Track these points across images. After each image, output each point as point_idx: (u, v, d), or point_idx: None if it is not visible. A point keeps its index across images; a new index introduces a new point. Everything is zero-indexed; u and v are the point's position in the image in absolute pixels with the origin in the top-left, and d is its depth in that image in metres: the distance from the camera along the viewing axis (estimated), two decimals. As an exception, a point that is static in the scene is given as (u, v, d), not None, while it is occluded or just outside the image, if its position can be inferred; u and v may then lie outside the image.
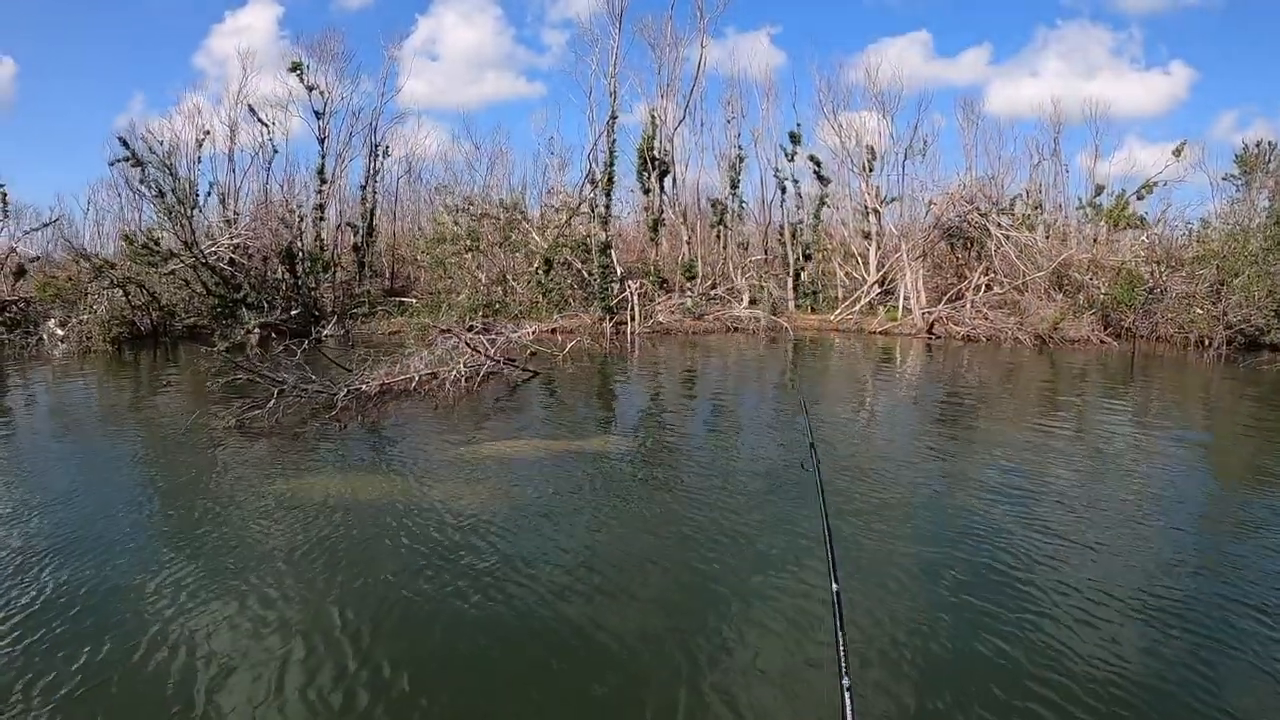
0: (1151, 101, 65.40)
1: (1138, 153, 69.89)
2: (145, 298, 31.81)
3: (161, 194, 32.21)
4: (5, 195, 35.73)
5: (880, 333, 25.21)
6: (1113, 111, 56.40)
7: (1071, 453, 10.38)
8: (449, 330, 20.82)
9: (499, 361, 19.14)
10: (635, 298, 29.31)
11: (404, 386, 16.77)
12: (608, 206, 31.97)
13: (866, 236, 30.54)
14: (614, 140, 32.13)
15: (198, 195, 35.78)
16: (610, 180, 31.84)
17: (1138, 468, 9.64)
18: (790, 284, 30.97)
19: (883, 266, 28.73)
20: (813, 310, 29.75)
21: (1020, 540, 6.87)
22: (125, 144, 32.07)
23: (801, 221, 32.84)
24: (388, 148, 39.21)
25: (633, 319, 29.05)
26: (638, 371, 21.21)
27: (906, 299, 25.86)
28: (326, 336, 30.38)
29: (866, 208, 31.15)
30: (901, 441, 11.45)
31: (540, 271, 32.77)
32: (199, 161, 37.37)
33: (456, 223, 35.94)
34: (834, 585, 2.85)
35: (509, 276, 33.75)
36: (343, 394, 15.39)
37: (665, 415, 14.41)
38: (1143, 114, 66.36)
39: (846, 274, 30.75)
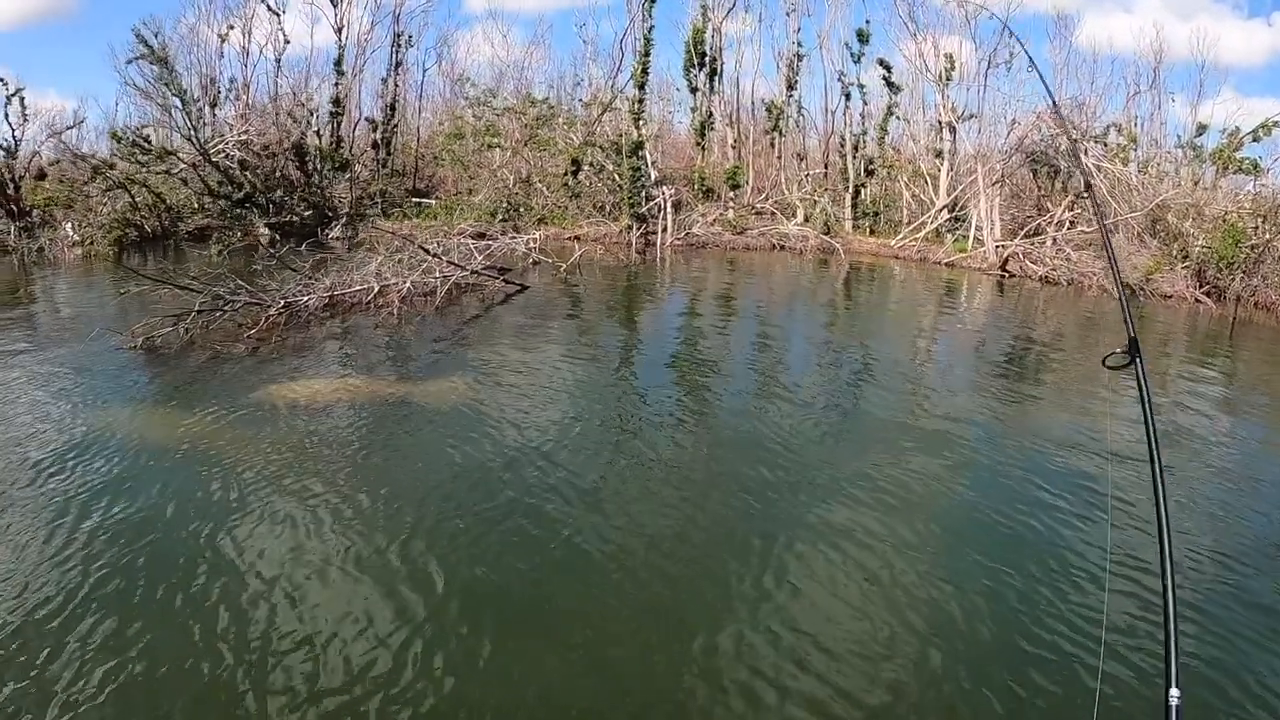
0: (1250, 52, 62.02)
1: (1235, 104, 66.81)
2: (150, 199, 32.08)
3: (170, 89, 31.88)
4: (24, 98, 36.40)
5: (946, 264, 24.07)
6: (1217, 51, 53.43)
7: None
8: (396, 234, 19.98)
9: (474, 273, 18.45)
10: (668, 205, 28.34)
11: (355, 300, 16.24)
12: (641, 101, 30.57)
13: (938, 155, 28.93)
14: (651, 25, 30.47)
15: (219, 92, 36.28)
16: (645, 71, 30.40)
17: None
18: (848, 202, 29.69)
19: (954, 190, 27.39)
20: (872, 233, 28.51)
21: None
22: (143, 40, 31.57)
23: (866, 133, 31.33)
24: (411, 36, 37.88)
25: (663, 229, 28.13)
26: (652, 291, 20.35)
27: (978, 229, 24.57)
28: (333, 239, 30.10)
29: (940, 123, 29.51)
30: (959, 395, 10.62)
31: (568, 173, 31.81)
32: (221, 57, 37.41)
33: (476, 117, 35.00)
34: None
35: (535, 178, 32.79)
36: (275, 309, 14.84)
37: (656, 368, 12.17)
38: (1239, 64, 63.23)
39: (913, 196, 29.41)
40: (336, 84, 36.42)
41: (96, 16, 72.08)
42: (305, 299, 15.39)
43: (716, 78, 33.41)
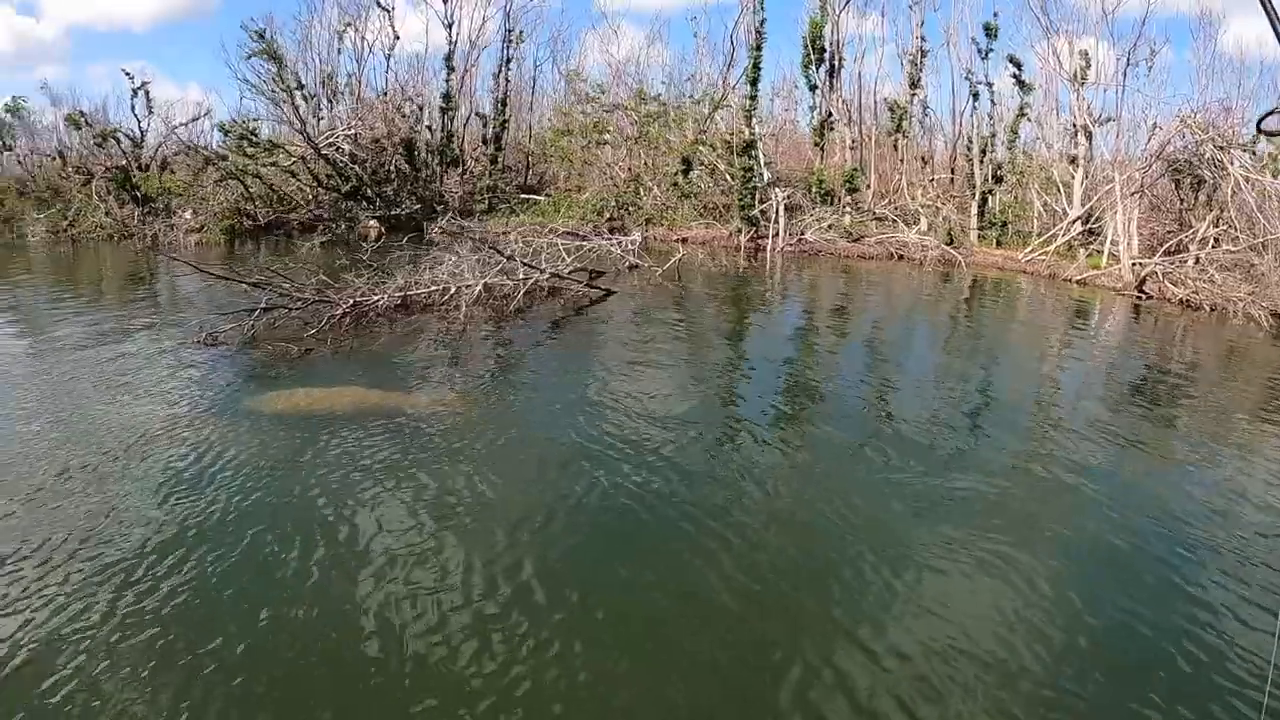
0: None
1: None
2: (262, 189, 34.00)
3: (279, 84, 33.56)
4: (149, 92, 40.28)
5: (1077, 281, 23.34)
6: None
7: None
8: (464, 233, 20.23)
9: (555, 276, 18.63)
10: (780, 208, 28.20)
11: (430, 300, 16.62)
12: (753, 98, 30.57)
13: (1072, 161, 28.00)
14: (763, 18, 30.33)
15: (335, 87, 38.09)
16: (757, 66, 30.31)
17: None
18: (974, 210, 29.04)
19: (1088, 200, 26.54)
20: (998, 244, 27.81)
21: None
22: (261, 37, 33.38)
23: (994, 136, 30.59)
24: (522, 32, 38.63)
25: (775, 234, 28.02)
26: (756, 301, 20.32)
27: (1114, 243, 23.75)
28: (438, 233, 30.93)
29: (1075, 126, 28.60)
30: (1080, 428, 10.36)
31: (678, 172, 31.94)
32: (339, 54, 39.25)
33: (584, 113, 35.41)
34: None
35: (645, 176, 33.03)
36: (343, 308, 15.27)
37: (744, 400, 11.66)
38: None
39: (1044, 205, 28.60)
40: (447, 80, 37.39)
41: (233, 14, 76.62)
42: (375, 299, 15.84)
43: (836, 75, 33.02)
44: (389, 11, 38.46)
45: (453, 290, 16.72)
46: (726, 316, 18.19)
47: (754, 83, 30.47)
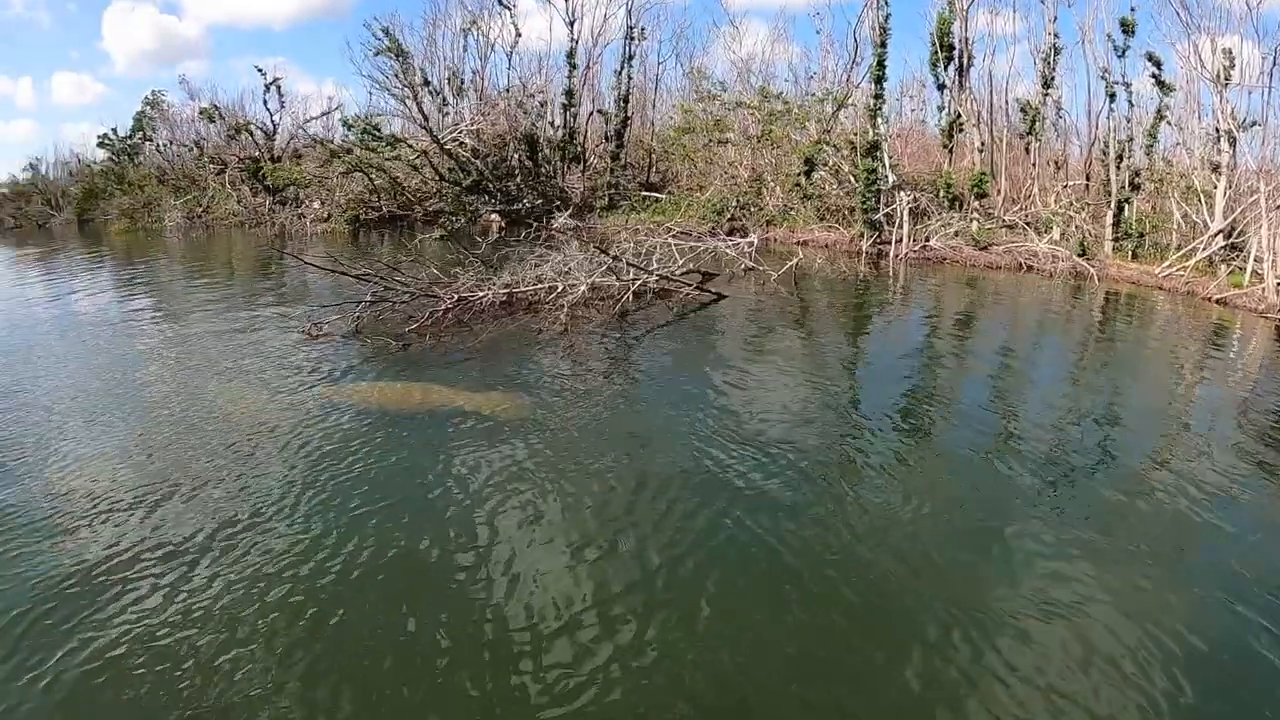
0: None
1: None
2: (385, 182, 35.56)
3: (401, 81, 34.96)
4: (280, 87, 45.04)
5: (1216, 300, 22.67)
6: None
7: None
8: (575, 231, 20.73)
9: (663, 278, 18.93)
10: (904, 213, 28.10)
11: (536, 298, 17.16)
12: (878, 96, 30.42)
13: (1215, 169, 26.98)
14: (888, 13, 30.11)
15: (461, 83, 39.51)
16: (882, 64, 30.18)
17: None
18: (1109, 220, 28.42)
19: (1231, 212, 25.74)
20: (1134, 257, 27.15)
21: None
22: (387, 34, 34.91)
23: (1131, 140, 29.82)
24: (644, 29, 39.20)
25: (898, 239, 27.95)
26: (875, 310, 20.41)
27: (1258, 261, 23.05)
28: (556, 229, 31.79)
29: (1217, 130, 27.59)
30: (1214, 459, 10.17)
31: (800, 173, 32.04)
32: (465, 50, 41.34)
33: (706, 111, 35.70)
34: None
35: (768, 176, 33.22)
36: (447, 303, 16.12)
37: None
38: None
39: (1183, 216, 27.81)
40: (569, 76, 38.26)
41: (366, 13, 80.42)
42: (480, 295, 16.49)
43: (965, 74, 32.58)
44: (510, 9, 39.48)
45: (559, 289, 17.19)
46: (842, 326, 18.43)
47: (878, 81, 30.39)
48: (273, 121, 45.20)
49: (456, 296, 16.39)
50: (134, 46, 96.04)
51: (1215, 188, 26.39)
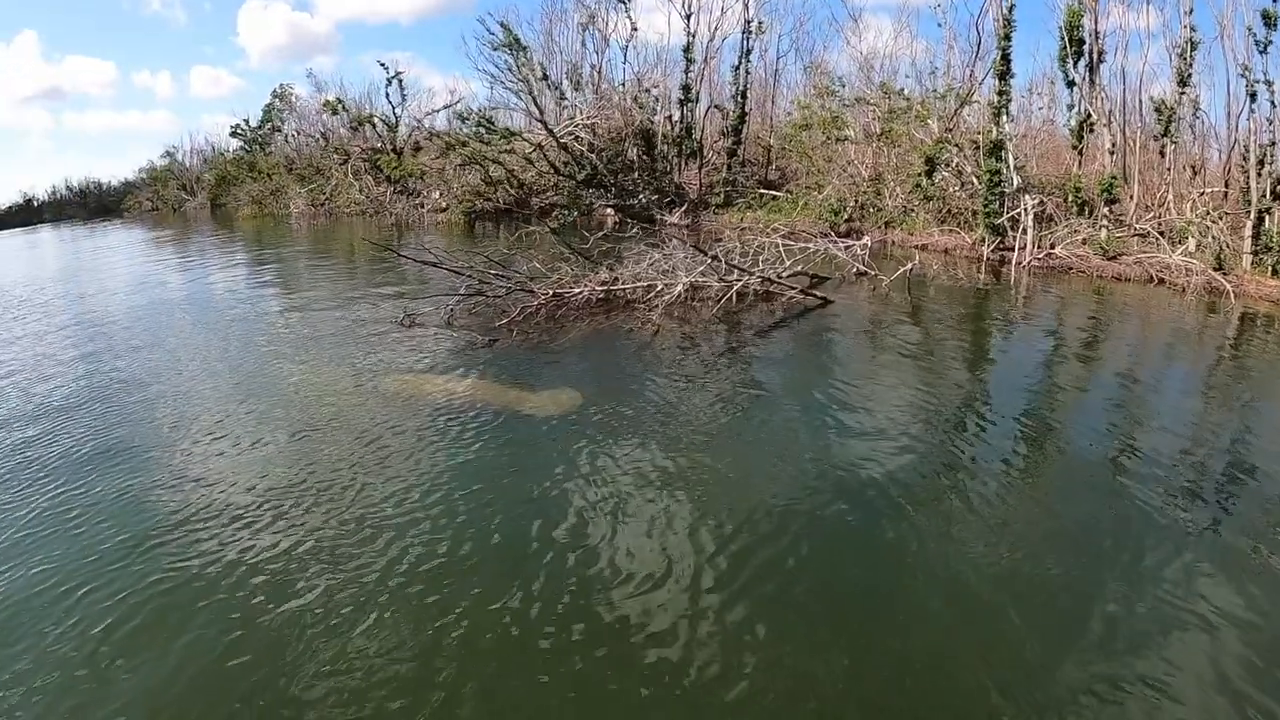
0: None
1: None
2: (501, 174, 36.22)
3: (516, 75, 35.48)
4: (402, 81, 46.68)
5: None
6: None
7: None
8: (682, 227, 20.66)
9: (767, 280, 18.66)
10: (1029, 218, 27.24)
11: (635, 296, 17.13)
12: (1001, 93, 29.54)
13: (1369, 178, 25.64)
14: (1012, 4, 29.21)
15: (579, 77, 39.95)
16: (1006, 58, 29.24)
17: None
18: (1249, 231, 27.00)
19: (1389, 226, 24.26)
20: (1275, 274, 25.76)
21: None
22: (507, 28, 35.61)
23: (1274, 144, 28.19)
24: (761, 23, 38.83)
25: (1021, 246, 27.12)
26: (992, 327, 19.85)
27: None
28: (669, 225, 31.88)
29: (1377, 133, 25.96)
30: None
31: (921, 174, 31.35)
32: (583, 45, 42.85)
33: (825, 107, 35.17)
34: None
35: (888, 175, 32.61)
36: (542, 298, 16.65)
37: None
38: None
39: (1331, 229, 26.26)
40: (685, 71, 38.09)
41: (488, 8, 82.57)
42: (575, 291, 16.63)
43: (1096, 70, 31.27)
44: (626, 3, 39.50)
45: (659, 287, 17.18)
46: (955, 340, 18.03)
47: (1002, 76, 29.52)
48: (395, 114, 46.44)
49: (551, 292, 16.63)
50: (267, 42, 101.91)
51: (1367, 199, 24.81)
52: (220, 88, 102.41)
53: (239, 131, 57.76)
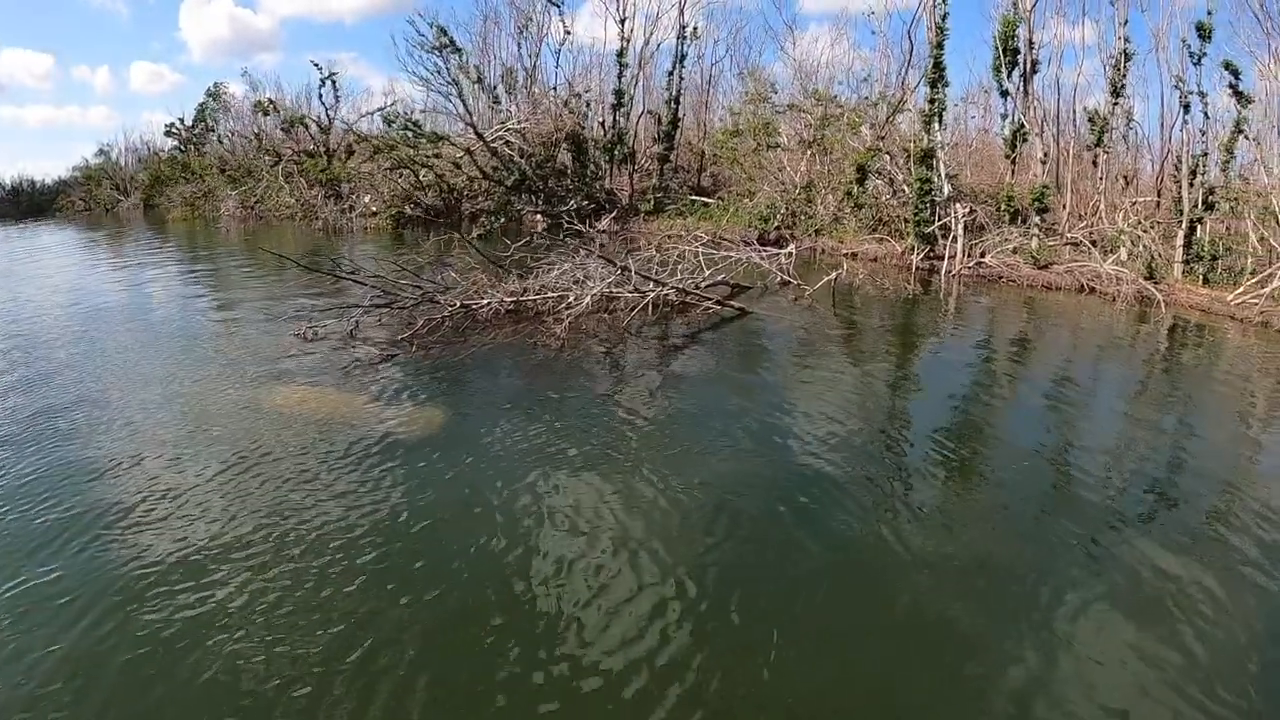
0: None
1: None
2: (432, 179, 34.99)
3: (449, 79, 34.33)
4: (335, 81, 44.87)
5: None
6: None
7: None
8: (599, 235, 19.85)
9: (682, 291, 17.90)
10: (959, 227, 26.31)
11: (547, 307, 16.56)
12: (932, 101, 28.69)
13: (1296, 190, 24.88)
14: (945, 12, 28.44)
15: (515, 81, 38.97)
16: (939, 66, 28.40)
17: None
18: (1180, 241, 26.23)
19: (1316, 237, 23.57)
20: (1205, 282, 25.09)
21: None
22: (444, 31, 34.45)
23: (1206, 155, 27.47)
24: (696, 28, 37.84)
25: (951, 255, 26.17)
26: (921, 334, 19.15)
27: (1344, 293, 21.07)
28: (600, 231, 30.80)
29: (1303, 147, 25.24)
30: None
31: (852, 181, 30.36)
32: (520, 48, 42.08)
33: (756, 113, 34.20)
34: None
35: (820, 183, 31.59)
36: (449, 310, 15.76)
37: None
38: None
39: (1260, 240, 25.55)
40: (619, 76, 36.90)
41: (430, 9, 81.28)
42: (483, 303, 15.70)
43: (1029, 80, 30.54)
44: (559, 6, 38.62)
45: (570, 298, 16.27)
46: (878, 353, 17.07)
47: (934, 84, 28.71)
48: (328, 116, 44.80)
49: (459, 303, 15.67)
50: (209, 37, 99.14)
51: (1295, 211, 24.09)
52: (161, 84, 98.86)
53: (173, 131, 55.94)
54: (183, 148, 55.49)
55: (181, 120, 55.66)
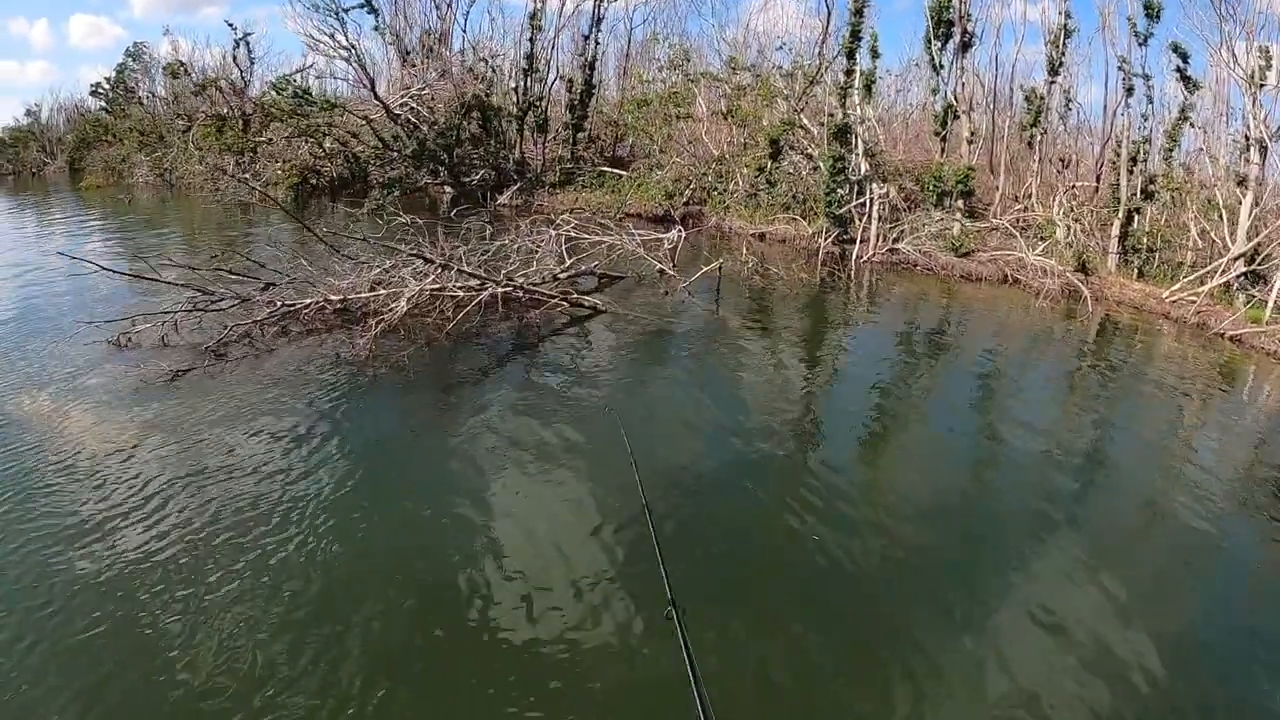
0: None
1: None
2: (335, 148, 31.55)
3: (344, 43, 30.63)
4: (250, 43, 41.37)
5: (1230, 337, 18.09)
6: None
7: None
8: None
9: (521, 288, 14.73)
10: (873, 209, 22.80)
11: (374, 307, 13.30)
12: (849, 73, 25.29)
13: (1240, 183, 21.76)
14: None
15: (427, 45, 35.79)
16: (856, 35, 25.08)
17: None
18: (1116, 230, 22.78)
19: (1256, 234, 20.13)
20: (1140, 276, 22.01)
21: None
22: None
23: (1149, 141, 24.07)
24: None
25: (863, 239, 22.66)
26: (818, 333, 16.22)
27: (1280, 296, 17.98)
28: (501, 205, 27.79)
29: (1247, 138, 21.84)
30: (1204, 526, 8.61)
31: (765, 156, 26.77)
32: (434, 9, 37.97)
33: (666, 81, 30.59)
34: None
35: (731, 158, 27.98)
36: (265, 313, 12.93)
37: None
38: None
39: (1200, 233, 22.05)
40: (532, 40, 32.80)
41: None
42: (305, 304, 13.30)
43: (962, 54, 27.10)
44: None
45: (403, 298, 13.30)
46: (760, 357, 13.78)
47: (850, 54, 25.13)
48: (244, 78, 40.86)
49: (280, 302, 12.29)
50: None
51: (1240, 203, 20.88)
52: (102, 37, 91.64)
53: (99, 90, 51.67)
54: (108, 109, 51.28)
55: (107, 79, 51.54)
